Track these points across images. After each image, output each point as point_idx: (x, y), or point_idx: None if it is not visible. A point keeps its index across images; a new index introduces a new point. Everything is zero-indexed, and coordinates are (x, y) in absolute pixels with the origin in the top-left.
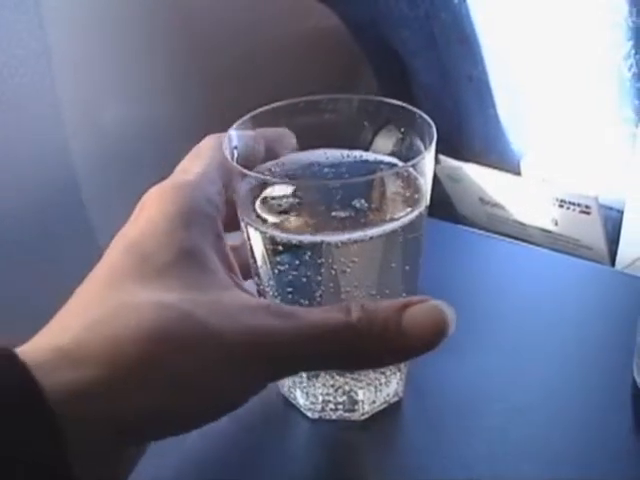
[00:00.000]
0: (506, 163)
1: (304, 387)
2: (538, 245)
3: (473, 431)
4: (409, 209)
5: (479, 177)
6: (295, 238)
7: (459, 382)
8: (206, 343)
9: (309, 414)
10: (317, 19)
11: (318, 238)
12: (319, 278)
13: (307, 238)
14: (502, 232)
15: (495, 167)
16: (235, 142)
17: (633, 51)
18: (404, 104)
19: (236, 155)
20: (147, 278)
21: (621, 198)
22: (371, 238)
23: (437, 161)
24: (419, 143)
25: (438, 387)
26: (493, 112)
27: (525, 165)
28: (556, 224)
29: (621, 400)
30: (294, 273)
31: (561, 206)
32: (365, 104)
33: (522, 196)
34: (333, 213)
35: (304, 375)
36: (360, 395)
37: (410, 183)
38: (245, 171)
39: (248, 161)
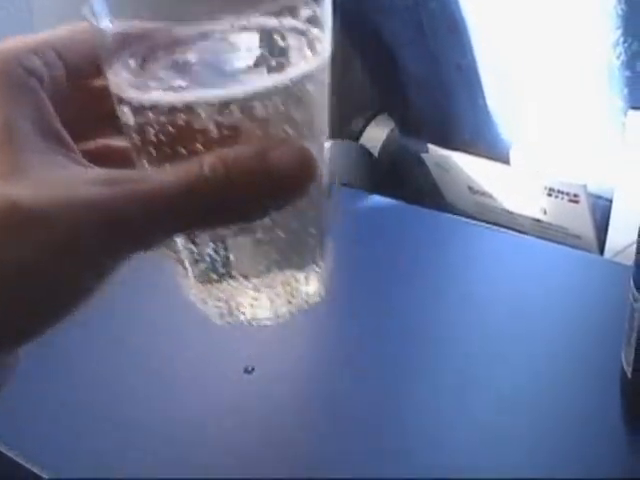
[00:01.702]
0: (495, 152)
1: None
2: (527, 234)
3: (461, 420)
4: (308, 56)
5: (468, 166)
6: (172, 99)
7: (447, 370)
8: (36, 227)
9: (217, 320)
10: None
11: (195, 94)
12: (199, 147)
13: (183, 96)
14: (491, 221)
15: (484, 156)
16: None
17: (622, 39)
18: None
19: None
20: None
21: (610, 187)
22: (267, 90)
23: (426, 150)
24: None
25: (428, 375)
26: (482, 102)
27: (514, 154)
28: (545, 213)
29: (609, 387)
30: (173, 147)
31: (550, 195)
32: None
33: (511, 185)
34: (216, 67)
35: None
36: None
37: (303, 35)
38: (111, 28)
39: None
